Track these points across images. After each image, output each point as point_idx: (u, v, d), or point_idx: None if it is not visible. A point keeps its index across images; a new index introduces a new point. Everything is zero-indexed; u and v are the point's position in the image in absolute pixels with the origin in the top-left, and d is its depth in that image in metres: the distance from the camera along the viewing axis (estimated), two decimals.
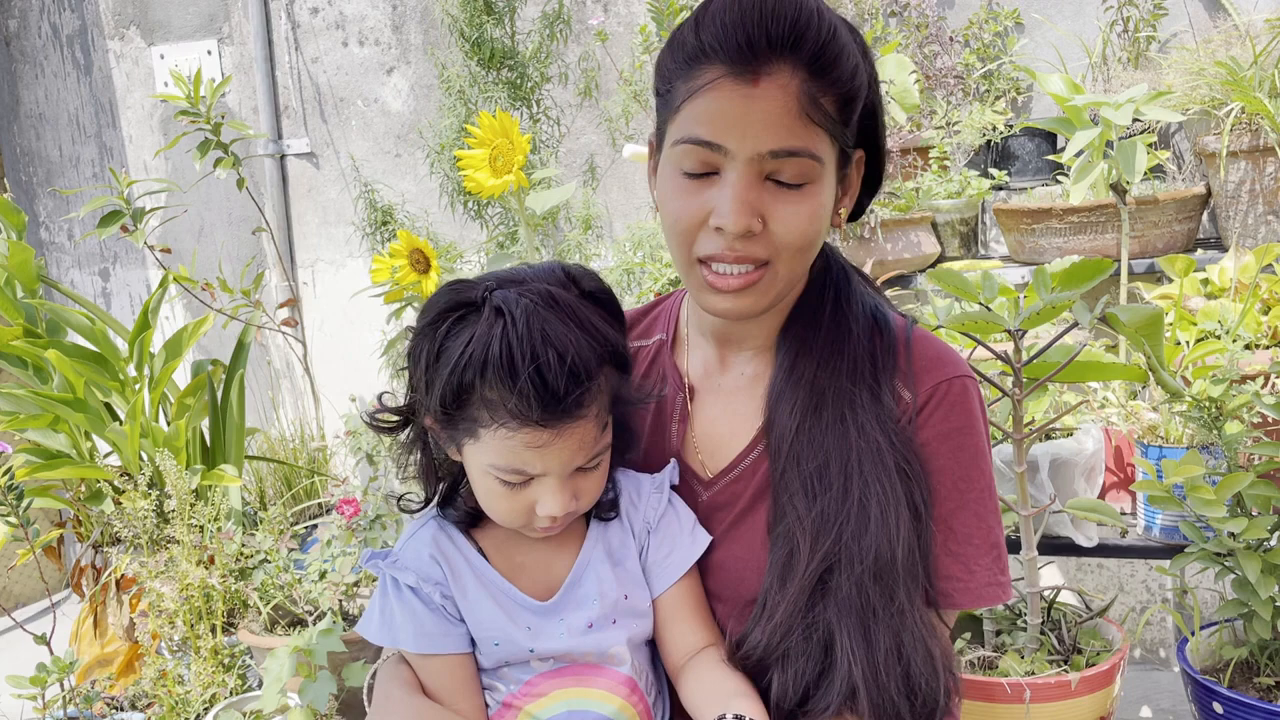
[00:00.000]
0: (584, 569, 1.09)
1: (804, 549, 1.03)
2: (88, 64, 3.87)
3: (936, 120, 2.77)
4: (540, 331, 0.95)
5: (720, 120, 0.98)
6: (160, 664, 2.28)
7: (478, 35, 2.86)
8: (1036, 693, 1.69)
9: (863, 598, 1.01)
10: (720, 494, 1.14)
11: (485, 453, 1.00)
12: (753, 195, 0.99)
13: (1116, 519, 1.79)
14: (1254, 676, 1.80)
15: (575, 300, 1.01)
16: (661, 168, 1.06)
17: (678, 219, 1.03)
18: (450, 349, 0.98)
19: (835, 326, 1.11)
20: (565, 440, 0.98)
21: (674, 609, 1.11)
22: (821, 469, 1.05)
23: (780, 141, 0.98)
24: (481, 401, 0.97)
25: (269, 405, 3.74)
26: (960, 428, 1.08)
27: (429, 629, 1.06)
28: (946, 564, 1.07)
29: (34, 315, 2.90)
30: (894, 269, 2.62)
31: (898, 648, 1.00)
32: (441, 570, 1.07)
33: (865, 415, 1.06)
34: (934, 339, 1.13)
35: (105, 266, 3.99)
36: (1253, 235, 2.41)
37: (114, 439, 2.67)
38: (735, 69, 0.97)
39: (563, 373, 0.94)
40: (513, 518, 1.04)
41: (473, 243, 3.17)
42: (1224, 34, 2.53)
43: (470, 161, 1.97)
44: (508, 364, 0.94)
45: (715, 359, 1.18)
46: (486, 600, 1.07)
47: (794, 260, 1.03)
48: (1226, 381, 1.81)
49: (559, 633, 1.07)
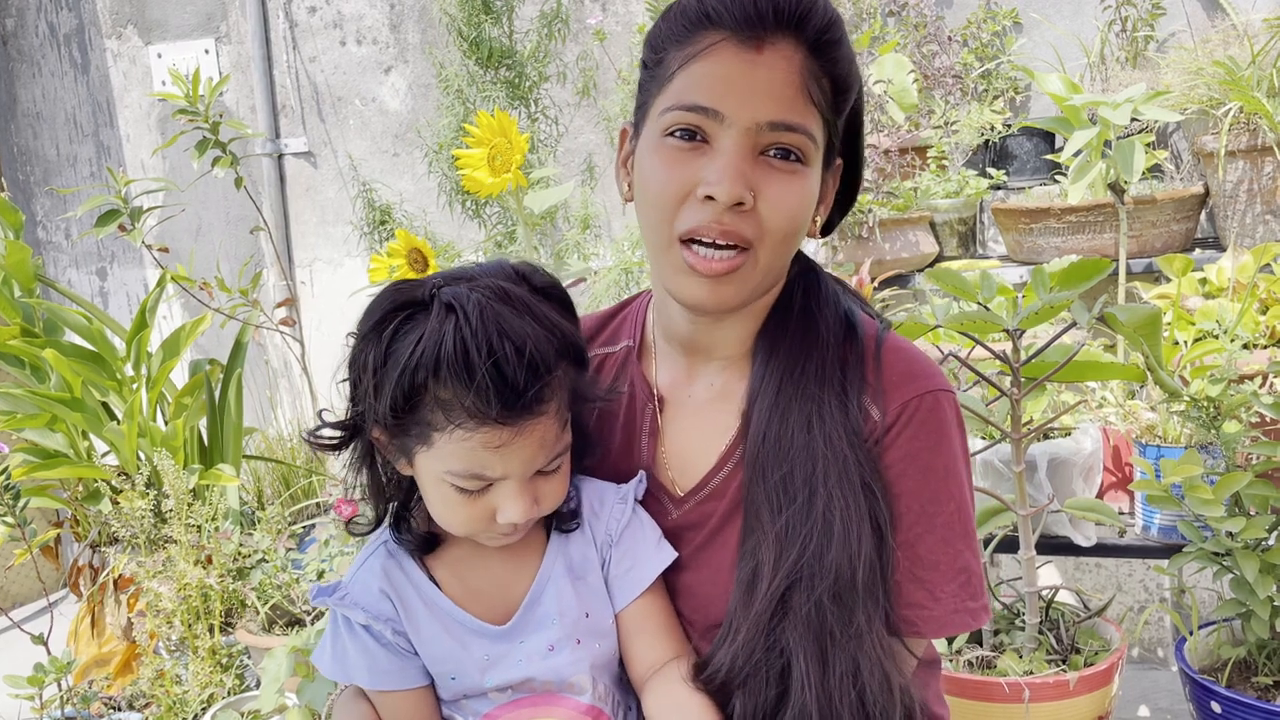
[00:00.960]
0: (544, 586, 1.04)
1: (768, 565, 0.99)
2: (85, 63, 3.87)
3: (935, 120, 2.77)
4: (495, 325, 0.90)
5: (721, 85, 0.96)
6: (158, 664, 2.28)
7: (476, 34, 2.86)
8: (1035, 692, 1.69)
9: (821, 618, 0.97)
10: (691, 513, 1.09)
11: (440, 459, 0.94)
12: (746, 166, 0.96)
13: (1115, 518, 1.79)
14: (1252, 676, 1.80)
15: (528, 294, 0.96)
16: (643, 143, 1.02)
17: (661, 190, 0.98)
18: (399, 350, 0.91)
19: (803, 327, 1.06)
20: (526, 439, 0.93)
21: (638, 624, 1.05)
22: (786, 479, 1.00)
23: (780, 113, 0.96)
24: (435, 403, 0.91)
25: (267, 405, 3.74)
26: (929, 447, 1.02)
27: (383, 666, 1.02)
28: (911, 591, 1.02)
29: (31, 314, 2.90)
30: (892, 268, 2.62)
31: (854, 672, 0.96)
32: (392, 604, 1.02)
33: (832, 425, 1.01)
34: (907, 349, 1.07)
35: (103, 266, 3.99)
36: (1251, 235, 2.41)
37: (111, 438, 2.67)
38: (740, 34, 0.95)
39: (521, 366, 0.89)
40: (470, 526, 0.98)
41: (471, 242, 3.17)
42: (1222, 33, 2.53)
43: (468, 161, 1.96)
44: (463, 360, 0.88)
45: (683, 369, 1.13)
46: (440, 634, 1.02)
47: (776, 248, 0.99)
48: (1224, 381, 1.81)
49: (518, 659, 1.02)
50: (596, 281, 2.63)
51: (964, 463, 1.06)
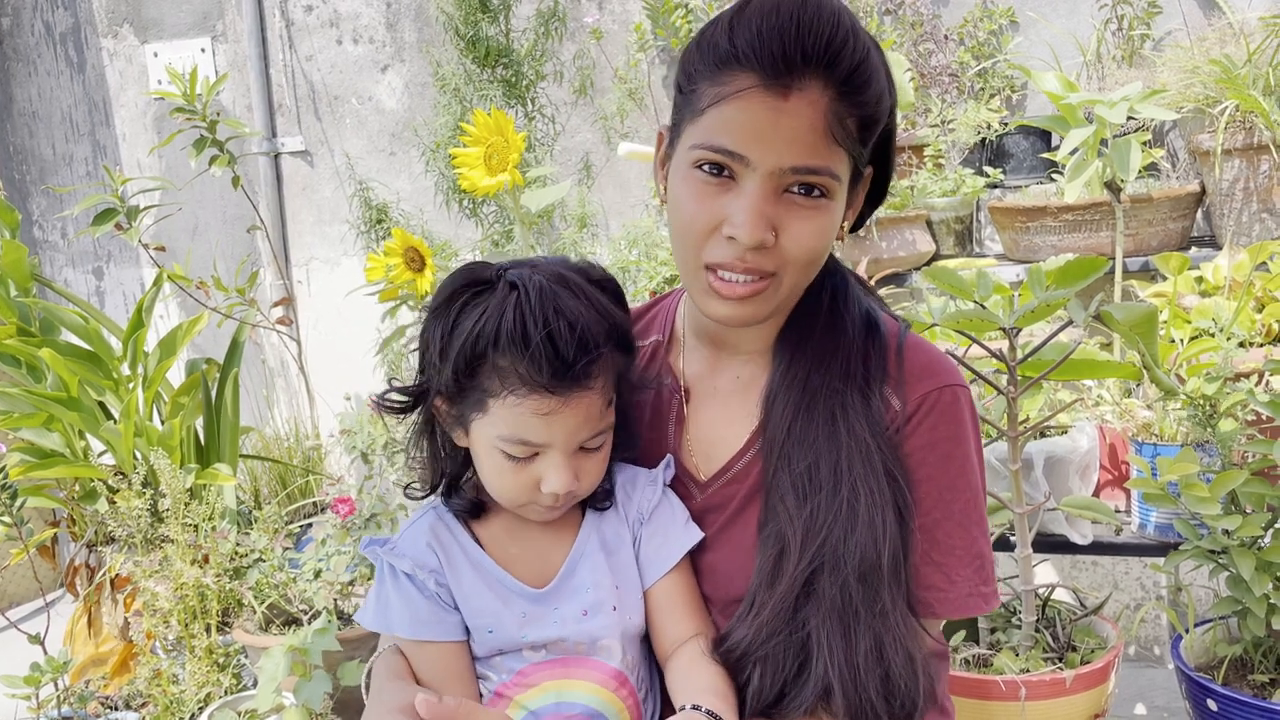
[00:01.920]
0: (579, 558, 1.11)
1: (794, 549, 1.04)
2: (81, 62, 3.86)
3: (931, 118, 2.77)
4: (553, 303, 0.99)
5: (747, 131, 0.98)
6: (155, 663, 2.28)
7: (473, 33, 2.86)
8: (1031, 690, 1.69)
9: (846, 599, 1.01)
10: (714, 496, 1.15)
11: (493, 424, 1.02)
12: (769, 208, 1.00)
13: (1111, 516, 1.80)
14: (1248, 674, 1.81)
15: (585, 282, 1.05)
16: (675, 166, 1.06)
17: (690, 223, 1.03)
18: (464, 322, 1.01)
19: (831, 328, 1.11)
20: (572, 409, 1.01)
21: (665, 600, 1.12)
22: (812, 468, 1.05)
23: (803, 159, 0.99)
24: (494, 370, 1.00)
25: (264, 404, 3.73)
26: (949, 437, 1.08)
27: (423, 615, 1.08)
28: (928, 573, 1.08)
29: (28, 314, 2.90)
30: (889, 267, 2.62)
31: (879, 649, 1.01)
32: (437, 558, 1.09)
33: (856, 416, 1.06)
34: (927, 346, 1.13)
35: (99, 265, 3.98)
36: (1247, 233, 2.41)
37: (108, 438, 2.66)
38: (767, 80, 0.97)
39: (573, 340, 0.98)
40: (517, 494, 1.06)
41: (468, 241, 3.17)
42: (1218, 32, 2.53)
43: (465, 160, 1.96)
44: (521, 331, 0.98)
45: (709, 361, 1.19)
46: (481, 588, 1.09)
47: (799, 274, 1.05)
48: (1221, 379, 1.81)
49: (553, 620, 1.08)
50: None
51: (978, 455, 1.12)
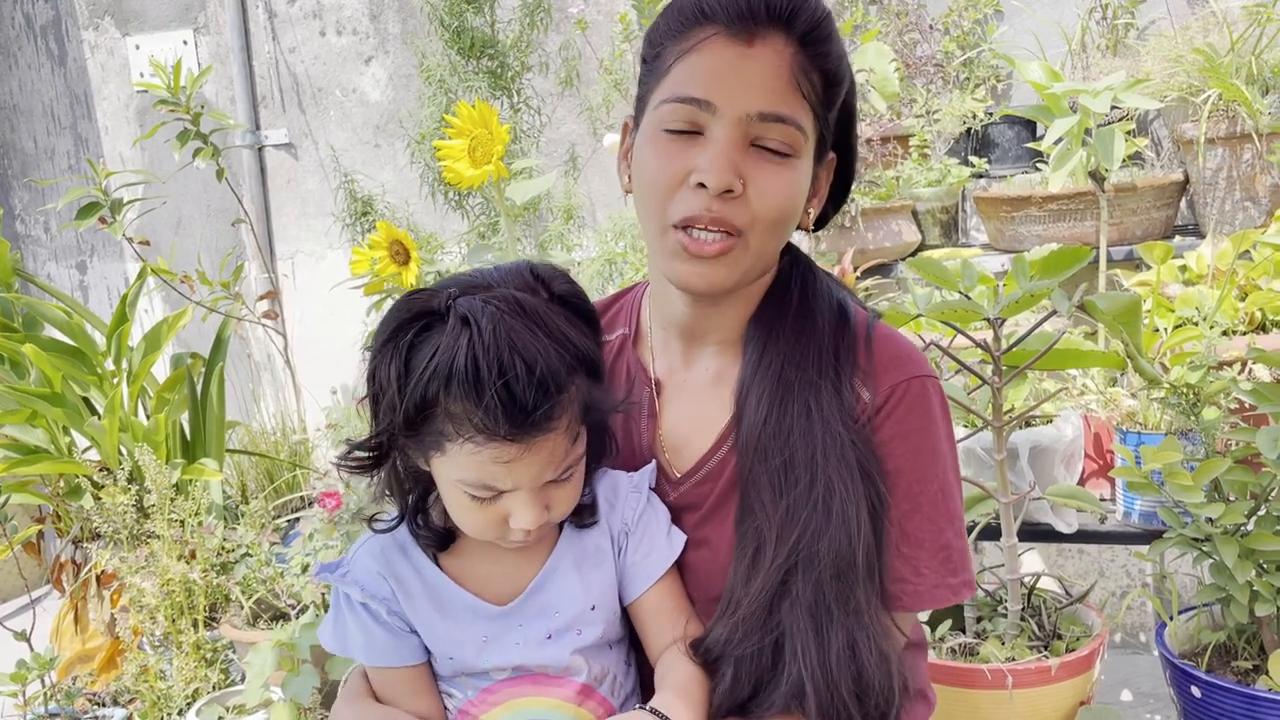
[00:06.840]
0: (550, 575, 1.06)
1: (770, 545, 1.02)
2: (62, 54, 3.83)
3: (916, 108, 2.77)
4: (507, 341, 0.90)
5: (712, 77, 0.99)
6: (142, 659, 2.27)
7: (457, 24, 2.85)
8: (1017, 678, 1.70)
9: (820, 598, 1.00)
10: (689, 493, 1.13)
11: (452, 468, 0.96)
12: (737, 155, 1.00)
13: (1096, 505, 1.80)
14: (1231, 660, 1.82)
15: (544, 306, 0.96)
16: (641, 134, 1.06)
17: (655, 177, 1.02)
18: (414, 362, 0.92)
19: (802, 317, 1.10)
20: (534, 454, 0.94)
21: (654, 608, 1.09)
22: (788, 464, 1.04)
23: (769, 104, 0.99)
24: (446, 415, 0.92)
25: (250, 398, 3.72)
26: (918, 428, 1.07)
27: (380, 643, 1.05)
28: (896, 566, 1.07)
29: (10, 309, 2.88)
30: (875, 258, 2.62)
31: (852, 648, 1.00)
32: (388, 586, 1.05)
33: (829, 409, 1.05)
34: (896, 337, 1.12)
35: (83, 259, 3.95)
36: (1230, 221, 2.42)
37: (92, 434, 2.65)
38: (731, 29, 0.99)
39: (531, 385, 0.90)
40: (485, 531, 1.00)
41: (453, 233, 3.16)
42: (1202, 21, 2.54)
43: (449, 152, 1.95)
44: (473, 377, 0.89)
45: (679, 354, 1.17)
46: (437, 617, 1.05)
47: (766, 235, 1.03)
48: (1204, 368, 1.82)
49: (514, 641, 1.05)
50: (581, 272, 2.62)
51: (949, 446, 1.11)
